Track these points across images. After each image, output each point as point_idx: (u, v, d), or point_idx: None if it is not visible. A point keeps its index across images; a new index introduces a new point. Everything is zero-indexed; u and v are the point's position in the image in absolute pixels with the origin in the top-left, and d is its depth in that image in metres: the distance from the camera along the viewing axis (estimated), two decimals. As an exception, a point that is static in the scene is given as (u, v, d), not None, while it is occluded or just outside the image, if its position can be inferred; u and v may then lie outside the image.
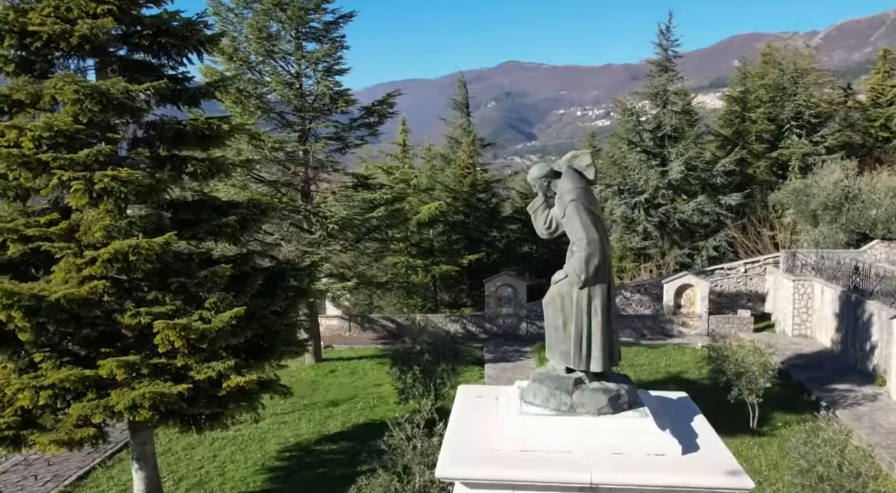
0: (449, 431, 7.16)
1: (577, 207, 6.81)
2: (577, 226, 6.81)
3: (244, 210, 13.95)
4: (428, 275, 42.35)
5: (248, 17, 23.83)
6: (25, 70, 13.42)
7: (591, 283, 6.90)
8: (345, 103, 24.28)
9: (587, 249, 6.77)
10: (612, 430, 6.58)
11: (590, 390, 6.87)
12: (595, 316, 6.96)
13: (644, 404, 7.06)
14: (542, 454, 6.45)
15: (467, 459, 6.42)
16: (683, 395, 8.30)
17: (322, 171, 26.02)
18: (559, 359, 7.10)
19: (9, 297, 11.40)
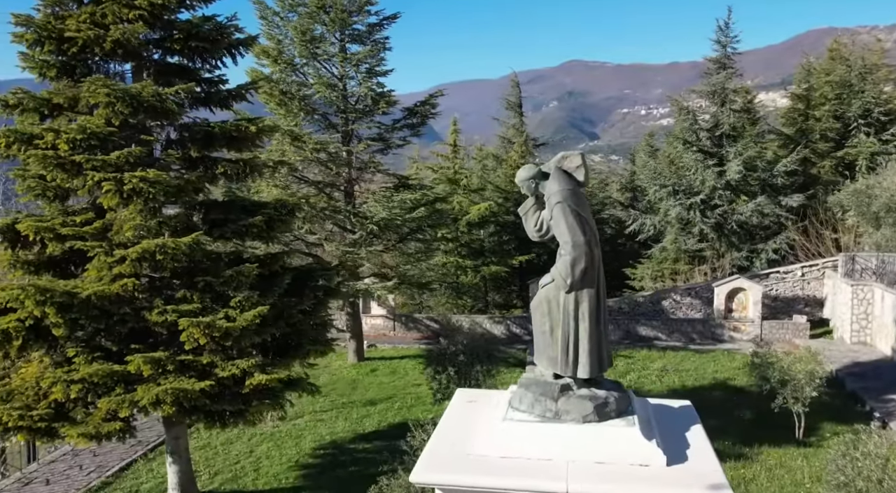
0: (434, 435, 7.09)
1: (563, 209, 6.66)
2: (563, 229, 6.67)
3: (270, 211, 14.17)
4: (477, 275, 42.32)
5: (293, 20, 24.21)
6: (66, 74, 13.95)
7: (579, 287, 6.75)
8: (386, 105, 24.42)
9: (573, 252, 6.62)
10: (596, 438, 6.41)
11: (576, 397, 6.71)
12: (583, 321, 6.79)
13: (636, 412, 6.86)
14: (521, 462, 6.32)
15: (444, 464, 6.34)
16: (686, 404, 8.04)
17: (366, 171, 26.23)
18: (546, 365, 6.96)
19: (42, 293, 11.85)
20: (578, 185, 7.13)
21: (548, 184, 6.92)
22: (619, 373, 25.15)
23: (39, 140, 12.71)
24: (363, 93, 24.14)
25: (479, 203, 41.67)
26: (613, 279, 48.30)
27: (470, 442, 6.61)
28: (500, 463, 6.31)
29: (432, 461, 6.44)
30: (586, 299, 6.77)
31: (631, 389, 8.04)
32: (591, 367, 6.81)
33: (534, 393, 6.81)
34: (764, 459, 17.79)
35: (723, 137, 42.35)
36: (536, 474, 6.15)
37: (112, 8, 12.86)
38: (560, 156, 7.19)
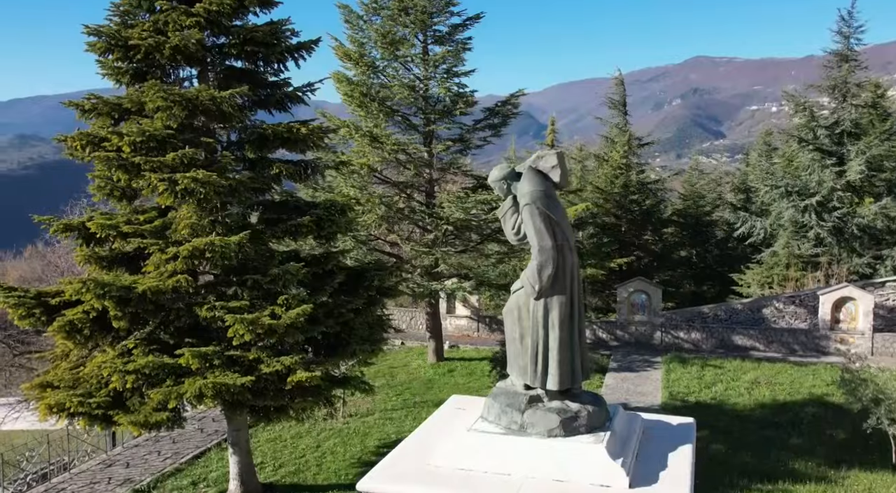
0: (403, 442, 6.96)
1: (531, 212, 6.36)
2: (531, 232, 6.37)
3: (320, 211, 14.42)
4: (573, 278, 41.50)
5: (376, 22, 24.57)
6: (138, 80, 14.74)
7: (548, 294, 6.42)
8: (465, 105, 24.32)
9: (539, 257, 6.32)
10: (558, 454, 6.08)
11: (543, 410, 6.39)
12: (553, 329, 6.45)
13: (612, 428, 6.45)
14: (478, 475, 6.09)
15: (394, 474, 6.20)
16: (687, 422, 7.50)
17: (448, 172, 26.26)
18: (517, 374, 6.67)
19: (101, 287, 12.58)
20: (555, 186, 6.80)
21: (519, 185, 6.63)
22: (705, 384, 23.94)
23: (107, 143, 13.49)
24: (441, 93, 24.15)
25: (577, 204, 40.86)
26: (720, 285, 46.10)
27: (433, 452, 6.43)
28: (455, 475, 6.11)
29: (384, 470, 6.32)
30: (556, 307, 6.43)
31: (618, 404, 7.57)
32: (561, 378, 6.46)
33: (501, 404, 6.54)
34: (851, 484, 16.42)
35: (843, 134, 39.45)
36: (490, 488, 5.89)
37: (172, 16, 13.47)
38: (535, 155, 6.88)
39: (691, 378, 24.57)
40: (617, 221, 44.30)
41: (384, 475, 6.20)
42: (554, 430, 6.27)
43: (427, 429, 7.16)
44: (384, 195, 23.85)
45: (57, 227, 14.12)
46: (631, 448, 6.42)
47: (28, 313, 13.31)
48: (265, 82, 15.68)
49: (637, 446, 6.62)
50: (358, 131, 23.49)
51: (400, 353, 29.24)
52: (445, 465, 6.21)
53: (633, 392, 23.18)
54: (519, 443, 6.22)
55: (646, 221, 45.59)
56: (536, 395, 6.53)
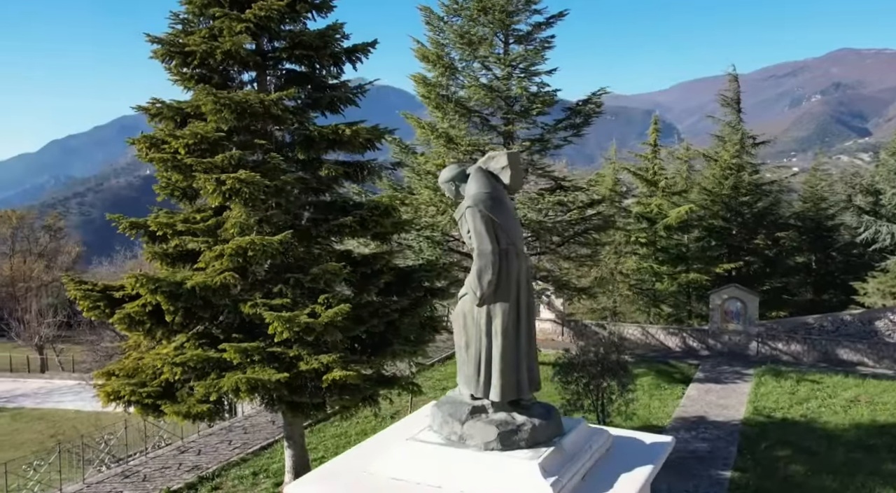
0: (356, 447, 6.88)
1: (472, 215, 6.12)
2: (473, 235, 6.11)
3: (364, 211, 14.53)
4: (674, 283, 39.84)
5: (457, 23, 24.56)
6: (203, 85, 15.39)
7: (491, 300, 6.15)
8: (542, 104, 23.84)
9: (478, 261, 6.06)
10: (490, 469, 5.81)
11: (483, 422, 6.12)
12: (496, 338, 6.17)
13: (559, 443, 6.08)
14: (409, 485, 5.92)
15: (325, 479, 6.12)
16: (663, 441, 7.02)
17: (529, 173, 25.83)
18: (463, 383, 6.42)
19: (152, 282, 13.23)
20: (506, 188, 6.50)
21: (466, 186, 6.39)
22: (797, 399, 22.36)
23: (166, 145, 14.19)
24: (518, 93, 23.80)
25: (681, 206, 39.22)
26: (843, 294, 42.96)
27: (375, 459, 6.32)
28: (387, 485, 5.97)
29: (319, 475, 6.27)
30: (500, 314, 6.15)
31: (583, 417, 7.13)
32: (504, 389, 6.17)
33: (444, 413, 6.34)
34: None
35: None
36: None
37: (225, 22, 13.99)
38: (486, 156, 6.61)
39: (782, 393, 23.01)
40: (726, 224, 42.23)
41: (315, 480, 6.14)
42: (491, 443, 5.99)
43: (384, 435, 7.04)
44: (458, 196, 23.72)
45: (125, 225, 14.98)
46: (577, 467, 6.04)
47: (94, 305, 14.17)
48: (325, 85, 16.01)
49: (589, 464, 6.24)
50: (434, 132, 23.55)
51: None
52: (381, 474, 6.08)
53: (713, 405, 21.98)
54: (452, 455, 6.00)
55: (758, 225, 43.19)
56: (481, 406, 6.28)
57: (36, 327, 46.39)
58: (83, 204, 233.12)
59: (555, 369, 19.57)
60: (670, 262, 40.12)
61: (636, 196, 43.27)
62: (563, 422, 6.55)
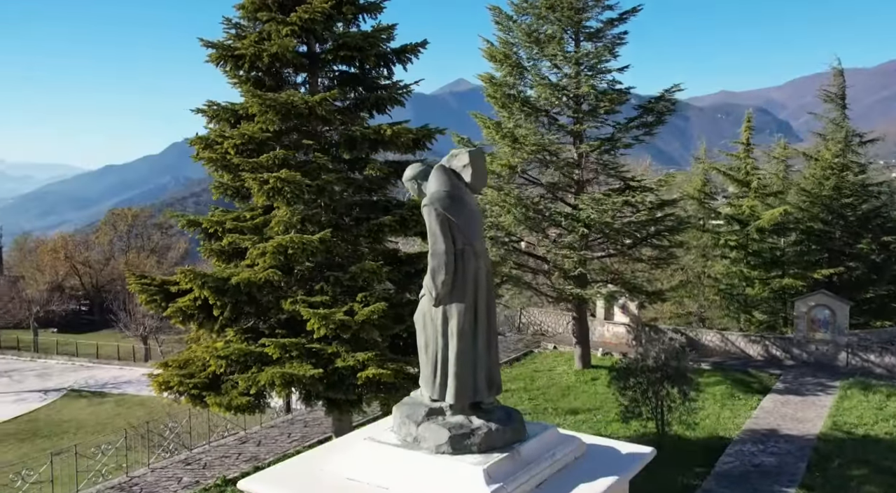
0: (321, 447, 6.91)
1: (428, 213, 6.03)
2: (428, 234, 6.01)
3: (404, 211, 14.59)
4: (766, 288, 37.93)
5: (526, 21, 24.31)
6: (258, 87, 15.89)
7: (447, 301, 6.04)
8: (609, 102, 23.23)
9: (431, 261, 5.97)
10: (435, 473, 5.74)
11: (437, 424, 6.02)
12: (452, 339, 6.06)
13: (516, 449, 5.91)
14: (359, 486, 5.91)
15: (279, 476, 6.18)
16: (640, 452, 6.71)
17: (601, 173, 25.29)
18: (423, 384, 6.33)
19: (199, 278, 13.78)
20: (468, 186, 6.35)
21: (427, 184, 6.29)
22: (885, 415, 20.85)
23: (217, 146, 14.74)
24: (585, 91, 23.27)
25: (775, 207, 37.30)
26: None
27: (333, 457, 6.34)
28: (338, 484, 5.98)
29: (272, 470, 6.34)
30: (455, 315, 6.04)
31: (557, 425, 6.86)
32: (458, 391, 6.05)
33: (402, 414, 6.29)
34: None
35: None
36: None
37: (272, 26, 14.40)
38: (450, 154, 6.48)
39: (868, 408, 21.48)
40: (827, 228, 39.85)
41: (269, 475, 6.22)
42: (442, 446, 5.89)
43: (353, 434, 7.05)
44: (522, 196, 23.47)
45: (183, 222, 15.70)
46: (531, 474, 5.85)
47: (150, 299, 14.90)
48: (376, 85, 16.21)
49: (549, 472, 6.03)
50: (499, 132, 23.39)
51: (548, 357, 28.65)
52: (334, 473, 6.09)
53: (789, 418, 20.77)
54: (403, 457, 5.94)
55: (863, 228, 40.51)
56: (438, 408, 6.18)
57: (141, 319, 49.19)
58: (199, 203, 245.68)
59: (610, 374, 19.01)
60: (763, 266, 38.21)
61: (727, 197, 41.52)
62: (527, 428, 6.37)
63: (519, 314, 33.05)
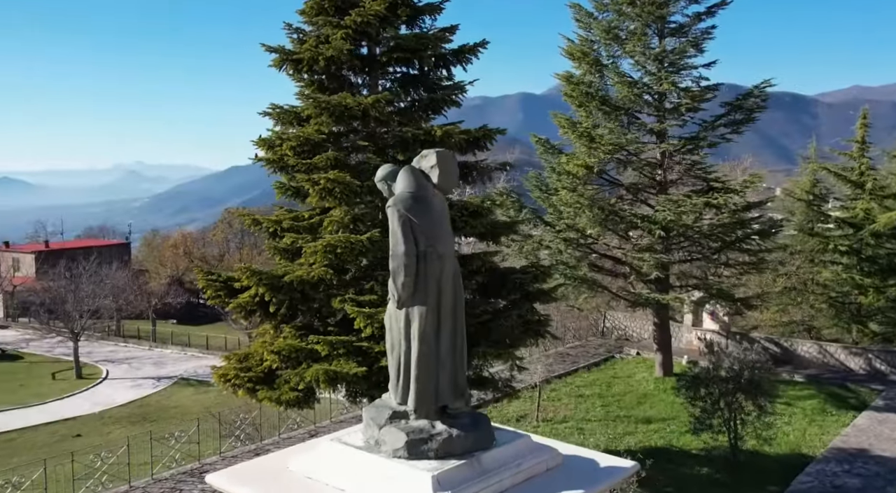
0: (299, 445, 6.97)
1: (390, 214, 6.00)
2: (390, 236, 5.94)
3: (452, 212, 14.49)
4: (881, 297, 35.25)
5: (605, 18, 23.69)
6: (322, 90, 16.26)
7: (409, 303, 5.96)
8: (690, 99, 22.23)
9: (391, 263, 5.93)
10: (388, 477, 5.71)
11: (396, 428, 5.98)
12: (413, 342, 5.96)
13: (476, 457, 5.76)
14: (318, 486, 5.97)
15: (245, 472, 6.30)
16: (620, 466, 6.34)
17: (687, 174, 24.29)
18: (390, 387, 6.25)
19: (255, 275, 14.24)
20: (436, 187, 6.22)
21: (395, 185, 6.22)
22: None
23: (278, 147, 15.19)
24: (666, 89, 22.39)
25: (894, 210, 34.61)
26: None
27: (300, 456, 6.40)
28: (298, 483, 6.08)
29: (241, 466, 6.47)
30: (417, 318, 5.97)
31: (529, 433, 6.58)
32: (419, 396, 5.98)
33: (368, 417, 6.31)
34: None
35: None
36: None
37: (329, 30, 14.69)
38: (420, 154, 6.38)
39: (979, 431, 19.58)
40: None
41: (236, 471, 6.35)
42: (399, 450, 5.83)
43: (331, 435, 7.09)
44: (598, 197, 22.84)
45: (248, 221, 16.29)
46: (489, 483, 5.71)
47: (215, 294, 15.52)
48: (437, 86, 16.24)
49: (511, 482, 5.85)
50: (575, 131, 22.89)
51: (629, 363, 27.77)
52: (297, 471, 6.15)
53: (884, 438, 19.22)
54: (361, 460, 5.93)
55: None
56: (403, 411, 6.11)
57: (246, 313, 51.53)
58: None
59: (679, 383, 18.24)
60: (878, 273, 35.50)
61: (839, 199, 38.90)
62: (497, 435, 6.20)
63: (603, 319, 32.26)
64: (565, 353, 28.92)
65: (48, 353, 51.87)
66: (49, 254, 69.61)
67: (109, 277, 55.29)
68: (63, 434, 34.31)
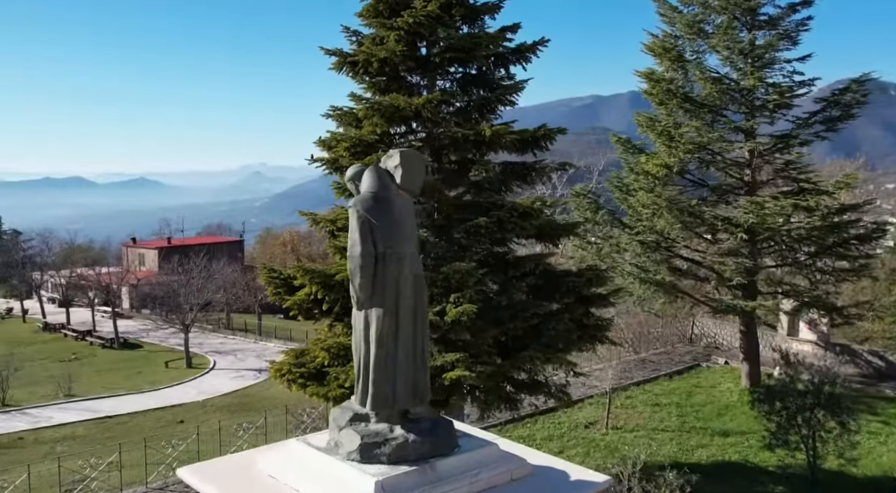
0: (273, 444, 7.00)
1: (350, 215, 5.92)
2: (349, 236, 5.88)
3: (502, 213, 14.27)
4: None
5: (690, 12, 22.68)
6: (381, 91, 16.44)
7: (367, 305, 5.86)
8: (779, 95, 20.88)
9: (349, 264, 5.86)
10: (337, 480, 5.62)
11: (354, 431, 5.91)
12: (371, 345, 5.86)
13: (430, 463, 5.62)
14: (277, 485, 5.97)
15: (210, 469, 6.38)
16: (592, 480, 5.99)
17: (779, 174, 22.90)
18: (355, 389, 6.17)
19: (308, 273, 14.57)
20: (400, 188, 6.09)
21: (361, 185, 6.14)
22: None
23: (334, 148, 15.47)
24: (753, 84, 21.13)
25: None
26: None
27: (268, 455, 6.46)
28: (259, 482, 6.12)
29: (209, 463, 6.60)
30: (375, 321, 5.90)
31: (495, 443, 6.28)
32: (375, 399, 5.90)
33: (332, 418, 6.26)
34: None
35: None
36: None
37: (383, 32, 14.81)
38: (387, 154, 6.26)
39: None
40: None
41: (203, 466, 6.46)
42: (352, 453, 5.75)
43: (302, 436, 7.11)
44: (676, 198, 21.85)
45: (311, 220, 16.69)
46: (440, 491, 5.52)
47: (276, 291, 16.00)
48: (499, 86, 16.07)
49: (467, 490, 5.65)
50: (653, 130, 22.06)
51: (715, 373, 26.45)
52: (261, 470, 6.19)
53: None
54: (319, 461, 5.89)
55: None
56: (365, 414, 6.03)
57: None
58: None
59: (752, 396, 17.22)
60: None
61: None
62: (462, 442, 6.03)
63: (691, 325, 30.93)
64: (647, 359, 27.95)
65: (163, 343, 55.16)
66: (170, 250, 73.93)
67: (219, 272, 58.13)
68: (168, 420, 36.35)
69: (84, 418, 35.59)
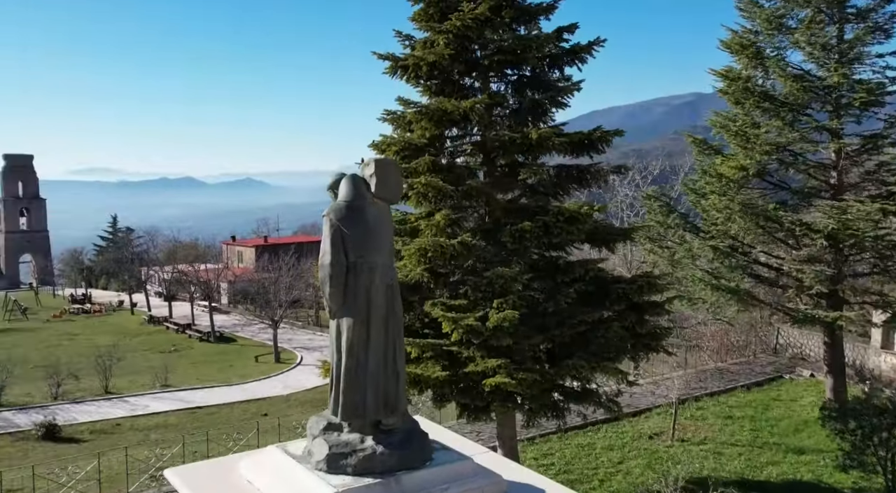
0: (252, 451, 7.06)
1: (323, 224, 5.90)
2: (321, 245, 5.86)
3: (547, 217, 13.95)
4: None
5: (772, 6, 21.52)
6: (437, 94, 16.42)
7: (339, 315, 5.82)
8: (866, 93, 19.46)
9: (319, 273, 5.83)
10: (299, 490, 5.63)
11: (324, 440, 5.90)
12: (342, 355, 5.81)
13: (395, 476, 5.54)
14: (251, 490, 6.04)
15: (190, 472, 6.49)
16: None
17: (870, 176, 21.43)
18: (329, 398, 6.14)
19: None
20: (376, 197, 6.00)
21: (339, 193, 6.11)
22: None
23: (385, 151, 15.57)
24: (838, 81, 19.78)
25: None
26: None
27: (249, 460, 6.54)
28: (237, 486, 6.21)
29: (193, 466, 6.73)
30: (346, 331, 5.88)
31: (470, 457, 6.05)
32: (345, 409, 5.89)
33: (308, 426, 6.25)
34: None
35: None
36: (246, 507, 5.80)
37: (433, 35, 14.78)
38: (364, 162, 6.18)
39: None
40: None
41: (187, 469, 6.60)
42: (320, 463, 5.74)
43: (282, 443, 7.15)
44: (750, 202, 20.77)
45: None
46: (396, 503, 5.44)
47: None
48: (555, 88, 15.78)
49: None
50: (728, 131, 21.06)
51: (798, 386, 25.01)
52: (242, 475, 6.28)
53: None
54: (291, 469, 5.91)
55: None
56: (338, 423, 6.01)
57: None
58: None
59: (822, 414, 16.19)
60: None
61: None
62: (436, 456, 5.92)
63: (776, 334, 29.38)
64: (725, 369, 26.75)
65: (255, 337, 57.16)
66: (266, 248, 76.62)
67: (309, 270, 59.74)
68: (253, 413, 37.64)
69: (176, 407, 37.29)
